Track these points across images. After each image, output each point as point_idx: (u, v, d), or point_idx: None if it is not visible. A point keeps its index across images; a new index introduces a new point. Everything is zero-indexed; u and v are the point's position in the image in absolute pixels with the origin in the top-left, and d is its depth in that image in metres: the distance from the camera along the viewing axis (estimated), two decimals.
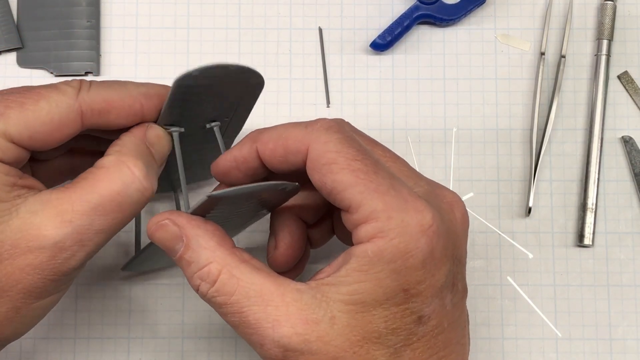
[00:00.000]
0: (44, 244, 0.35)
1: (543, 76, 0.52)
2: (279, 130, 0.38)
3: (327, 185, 0.36)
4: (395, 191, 0.35)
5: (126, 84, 0.39)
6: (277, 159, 0.38)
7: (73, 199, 0.36)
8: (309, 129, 0.37)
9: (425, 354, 0.36)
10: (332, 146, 0.36)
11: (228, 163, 0.39)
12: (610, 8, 0.52)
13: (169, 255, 0.37)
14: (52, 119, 0.36)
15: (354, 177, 0.35)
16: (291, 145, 0.37)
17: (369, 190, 0.35)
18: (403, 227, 0.34)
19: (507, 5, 0.53)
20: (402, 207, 0.35)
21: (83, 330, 0.48)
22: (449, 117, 0.52)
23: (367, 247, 0.35)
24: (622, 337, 0.49)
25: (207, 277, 0.36)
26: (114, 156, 0.37)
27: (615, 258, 0.50)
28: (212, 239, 0.36)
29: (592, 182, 0.50)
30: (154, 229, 0.37)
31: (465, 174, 0.51)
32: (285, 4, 0.53)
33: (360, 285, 0.34)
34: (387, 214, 0.35)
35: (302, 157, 0.37)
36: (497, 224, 0.50)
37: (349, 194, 0.35)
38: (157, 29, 0.52)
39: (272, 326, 0.34)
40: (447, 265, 0.36)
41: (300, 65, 0.52)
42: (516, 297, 0.50)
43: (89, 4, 0.52)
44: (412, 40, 0.53)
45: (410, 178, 0.38)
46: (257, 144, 0.38)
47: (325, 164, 0.36)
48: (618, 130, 0.52)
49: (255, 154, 0.38)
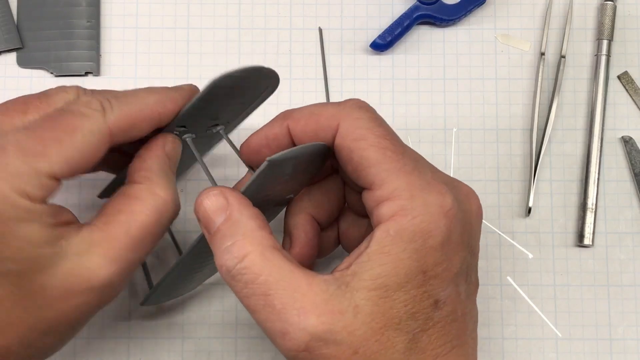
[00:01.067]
0: (94, 285, 0.35)
1: (543, 76, 0.52)
2: (311, 108, 0.39)
3: (354, 160, 0.36)
4: (419, 172, 0.36)
5: (140, 93, 0.39)
6: (307, 135, 0.38)
7: (116, 236, 0.36)
8: (341, 106, 0.38)
9: (440, 340, 0.36)
10: (363, 123, 0.37)
11: (259, 141, 0.40)
12: (610, 8, 0.52)
13: (206, 230, 0.37)
14: (90, 149, 0.36)
15: (382, 155, 0.36)
16: (323, 122, 0.38)
17: (394, 168, 0.36)
18: (425, 206, 0.35)
19: (507, 5, 0.53)
20: (425, 188, 0.36)
21: (83, 330, 0.48)
22: (449, 117, 0.52)
23: (388, 225, 0.35)
24: (622, 337, 0.49)
25: (237, 252, 0.35)
26: (145, 185, 0.37)
27: (615, 258, 0.50)
28: (254, 220, 0.36)
29: (592, 182, 0.50)
30: (203, 197, 0.37)
31: (465, 174, 0.51)
32: (285, 4, 0.53)
33: (383, 267, 0.34)
34: (410, 193, 0.35)
35: (332, 132, 0.37)
36: (497, 224, 0.50)
37: (374, 170, 0.36)
38: (157, 29, 0.52)
39: (298, 313, 0.34)
40: (463, 252, 0.36)
41: (300, 65, 0.52)
42: (516, 297, 0.50)
43: (89, 4, 0.52)
44: (412, 40, 0.53)
45: (430, 166, 0.38)
46: (289, 121, 0.39)
47: (354, 140, 0.36)
48: (618, 130, 0.52)
49: (286, 131, 0.39)
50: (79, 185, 0.50)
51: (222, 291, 0.49)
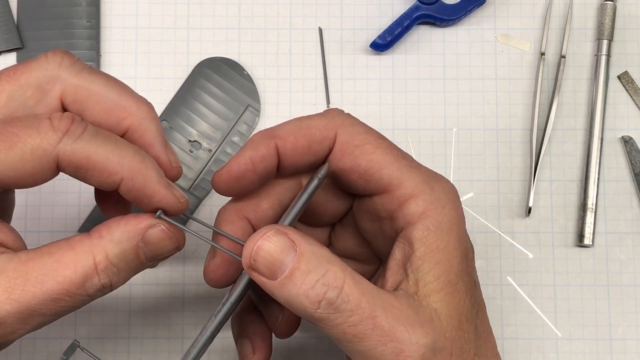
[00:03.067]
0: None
1: (543, 76, 0.52)
2: (295, 123, 0.37)
3: (362, 166, 0.36)
4: (422, 166, 0.36)
5: (128, 153, 0.34)
6: (299, 151, 0.36)
7: (29, 276, 0.32)
8: (329, 116, 0.37)
9: (484, 323, 0.36)
10: (360, 128, 0.37)
11: (243, 166, 0.36)
12: (610, 8, 0.52)
13: (268, 279, 0.33)
14: (25, 167, 0.32)
15: (389, 156, 0.36)
16: (316, 134, 0.36)
17: (405, 166, 0.36)
18: (445, 195, 0.35)
19: (507, 5, 0.53)
20: (437, 179, 0.36)
21: (83, 330, 0.48)
22: (449, 117, 0.52)
23: (425, 222, 0.35)
24: (622, 337, 0.49)
25: (335, 282, 0.32)
26: (88, 242, 0.33)
27: (615, 258, 0.50)
28: (324, 248, 0.34)
29: (592, 182, 0.50)
30: (261, 241, 0.33)
31: (465, 174, 0.51)
32: (285, 4, 0.53)
33: (439, 266, 0.34)
34: (429, 186, 0.35)
35: (328, 144, 0.36)
36: (497, 224, 0.50)
37: (387, 172, 0.35)
38: (157, 29, 0.52)
39: (406, 329, 0.32)
40: None
41: (300, 65, 0.52)
42: (516, 297, 0.50)
43: (89, 4, 0.52)
44: (412, 40, 0.53)
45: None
46: (276, 140, 0.36)
47: (357, 146, 0.36)
48: (618, 130, 0.52)
49: (273, 152, 0.36)
50: (79, 189, 0.50)
51: (222, 291, 0.49)
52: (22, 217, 0.50)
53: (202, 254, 0.50)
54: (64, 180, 0.50)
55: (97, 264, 0.33)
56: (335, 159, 0.36)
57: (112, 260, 0.33)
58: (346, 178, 0.37)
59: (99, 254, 0.33)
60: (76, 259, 0.33)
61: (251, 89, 0.51)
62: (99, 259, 0.33)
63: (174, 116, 0.51)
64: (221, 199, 0.37)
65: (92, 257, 0.33)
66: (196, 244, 0.50)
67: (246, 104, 0.51)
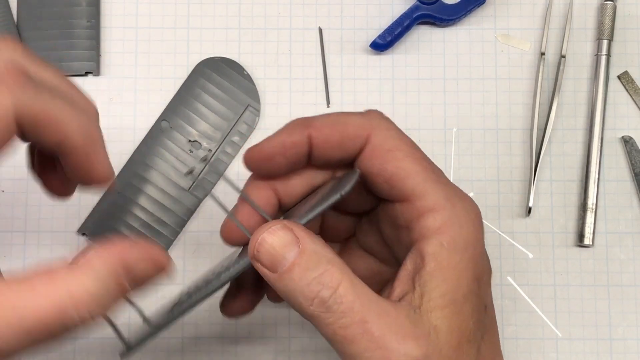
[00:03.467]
0: None
1: (543, 76, 0.52)
2: (333, 117, 0.37)
3: (388, 171, 0.36)
4: (450, 183, 0.36)
5: (76, 106, 0.33)
6: (330, 144, 0.37)
7: (3, 305, 0.29)
8: (367, 117, 0.37)
9: (491, 347, 0.36)
10: (394, 133, 0.37)
11: (274, 148, 0.37)
12: (610, 8, 0.52)
13: (269, 270, 0.34)
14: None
15: (418, 165, 0.36)
16: (350, 131, 0.36)
17: (431, 179, 0.36)
18: (467, 215, 0.35)
19: (507, 5, 0.53)
20: (461, 198, 0.36)
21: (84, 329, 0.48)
22: (449, 117, 0.52)
23: (440, 238, 0.34)
24: (622, 337, 0.49)
25: (331, 281, 0.33)
26: (71, 272, 0.31)
27: (615, 258, 0.50)
28: (328, 248, 0.34)
29: (592, 182, 0.50)
30: (265, 234, 0.34)
31: (465, 174, 0.51)
32: (285, 4, 0.53)
33: (447, 283, 0.34)
34: (451, 203, 0.35)
35: (360, 143, 0.36)
36: (497, 224, 0.50)
37: (412, 181, 0.35)
38: (157, 29, 0.52)
39: (397, 339, 0.32)
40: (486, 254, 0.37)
41: (300, 65, 0.52)
42: (516, 297, 0.50)
43: (89, 4, 0.52)
44: (412, 40, 0.53)
45: None
46: (310, 129, 0.36)
47: (389, 150, 0.36)
48: (618, 130, 0.52)
49: (305, 140, 0.36)
50: None
51: (222, 291, 0.49)
52: (22, 217, 0.50)
53: (202, 254, 0.50)
54: None
55: (75, 295, 0.30)
56: (365, 159, 0.37)
57: (91, 292, 0.31)
58: (372, 180, 0.37)
59: (77, 286, 0.31)
60: (53, 292, 0.30)
61: (251, 89, 0.51)
62: (78, 295, 0.30)
63: (174, 116, 0.51)
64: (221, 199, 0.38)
65: (70, 291, 0.30)
66: (196, 244, 0.50)
67: (246, 104, 0.51)
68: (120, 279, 0.32)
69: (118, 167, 0.50)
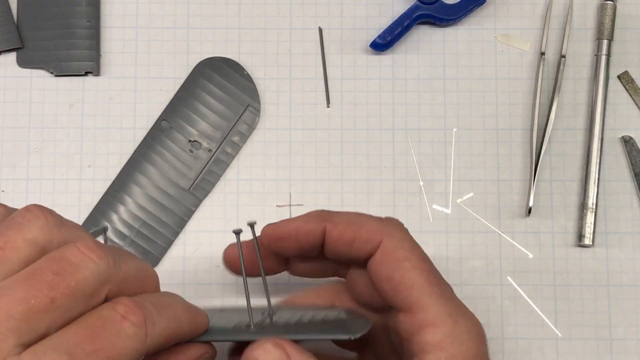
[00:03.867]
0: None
1: (543, 76, 0.52)
2: (352, 216, 0.39)
3: (394, 279, 0.36)
4: (454, 298, 0.37)
5: (174, 306, 0.34)
6: (342, 241, 0.38)
7: None
8: (384, 223, 0.38)
9: None
10: (406, 244, 0.37)
11: (289, 231, 0.39)
12: (610, 8, 0.52)
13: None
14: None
15: (424, 278, 0.36)
16: (364, 234, 0.38)
17: (436, 293, 0.36)
18: (468, 333, 0.35)
19: (507, 5, 0.53)
20: (464, 314, 0.36)
21: None
22: (449, 117, 0.52)
23: (439, 355, 0.35)
24: (622, 337, 0.49)
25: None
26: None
27: (615, 258, 0.50)
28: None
29: (592, 182, 0.50)
30: (258, 351, 0.34)
31: (465, 174, 0.51)
32: (285, 4, 0.53)
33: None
34: (453, 319, 0.35)
35: (371, 247, 0.37)
36: (497, 224, 0.50)
37: (416, 293, 0.36)
38: (157, 29, 0.52)
39: None
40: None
41: (300, 65, 0.52)
42: (516, 297, 0.50)
43: (89, 4, 0.52)
44: (412, 40, 0.53)
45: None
46: (327, 222, 0.38)
47: (398, 259, 0.37)
48: (618, 130, 0.52)
49: (320, 231, 0.38)
50: (79, 189, 0.50)
51: (222, 291, 0.49)
52: None
53: (202, 254, 0.50)
54: (64, 180, 0.51)
55: None
56: (374, 262, 0.37)
57: None
58: (380, 285, 0.37)
59: None
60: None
61: (251, 89, 0.51)
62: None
63: (174, 116, 0.51)
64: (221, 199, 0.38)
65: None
66: (196, 244, 0.50)
67: (246, 104, 0.51)
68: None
69: (118, 167, 0.50)
